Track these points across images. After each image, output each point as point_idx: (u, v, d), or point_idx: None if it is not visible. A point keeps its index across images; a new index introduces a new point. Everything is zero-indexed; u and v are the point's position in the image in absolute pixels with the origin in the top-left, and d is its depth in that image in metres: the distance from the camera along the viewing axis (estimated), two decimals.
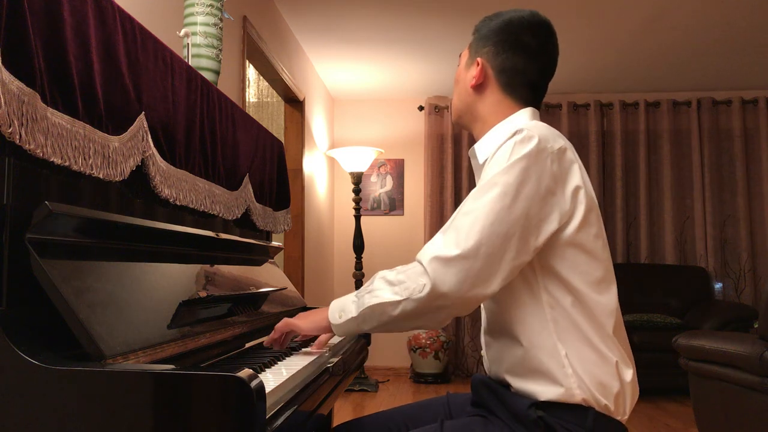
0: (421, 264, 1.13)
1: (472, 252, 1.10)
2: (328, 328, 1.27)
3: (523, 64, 1.31)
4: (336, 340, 1.61)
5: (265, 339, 1.40)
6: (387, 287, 1.17)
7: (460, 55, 1.43)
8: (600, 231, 1.20)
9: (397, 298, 1.14)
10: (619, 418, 1.17)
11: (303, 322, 1.32)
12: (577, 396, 1.13)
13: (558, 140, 1.18)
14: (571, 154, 1.19)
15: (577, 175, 1.17)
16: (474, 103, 1.36)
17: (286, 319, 1.35)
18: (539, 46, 1.31)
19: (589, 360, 1.14)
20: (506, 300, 1.19)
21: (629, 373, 1.18)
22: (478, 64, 1.33)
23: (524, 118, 1.31)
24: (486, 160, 1.27)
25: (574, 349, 1.14)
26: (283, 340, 1.37)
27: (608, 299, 1.17)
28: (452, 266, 1.10)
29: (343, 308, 1.24)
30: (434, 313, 1.14)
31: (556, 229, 1.14)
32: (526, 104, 1.33)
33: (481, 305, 1.32)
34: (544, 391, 1.14)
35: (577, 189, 1.16)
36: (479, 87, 1.34)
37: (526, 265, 1.16)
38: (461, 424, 1.24)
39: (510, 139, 1.16)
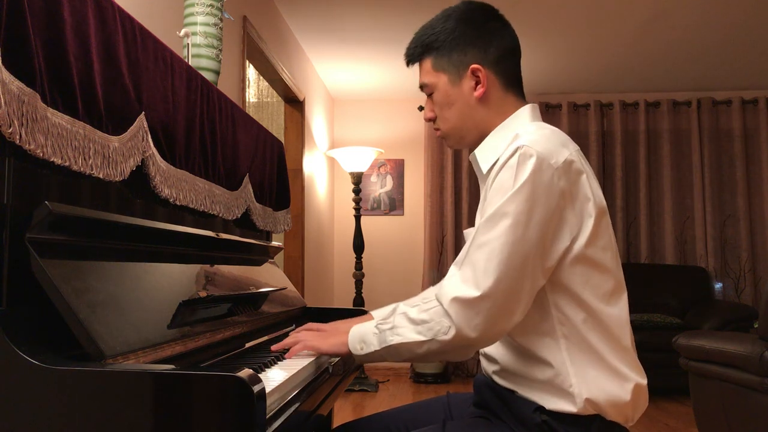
0: (442, 305, 1.11)
1: (492, 290, 1.08)
2: (348, 354, 1.25)
3: (508, 45, 1.27)
4: None
5: (274, 345, 1.36)
6: (410, 326, 1.15)
7: (422, 88, 1.34)
8: (609, 241, 1.16)
9: (422, 338, 1.13)
10: (624, 424, 1.17)
11: (324, 344, 1.29)
12: (584, 411, 1.11)
13: (562, 151, 1.13)
14: (579, 164, 1.14)
15: (586, 187, 1.14)
16: (479, 113, 1.28)
17: (305, 341, 1.31)
18: (501, 23, 1.29)
19: (599, 376, 1.12)
20: None
21: (642, 384, 1.15)
22: (473, 73, 1.25)
23: (524, 119, 1.26)
24: (489, 169, 1.23)
25: (584, 366, 1.12)
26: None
27: (620, 310, 1.15)
28: (474, 308, 1.08)
29: (364, 339, 1.21)
30: (459, 350, 1.14)
31: (567, 246, 1.12)
32: (517, 92, 1.29)
33: None
34: (551, 401, 1.13)
35: (585, 202, 1.13)
36: (485, 95, 1.26)
37: None
38: (463, 425, 1.24)
39: (512, 158, 1.12)
